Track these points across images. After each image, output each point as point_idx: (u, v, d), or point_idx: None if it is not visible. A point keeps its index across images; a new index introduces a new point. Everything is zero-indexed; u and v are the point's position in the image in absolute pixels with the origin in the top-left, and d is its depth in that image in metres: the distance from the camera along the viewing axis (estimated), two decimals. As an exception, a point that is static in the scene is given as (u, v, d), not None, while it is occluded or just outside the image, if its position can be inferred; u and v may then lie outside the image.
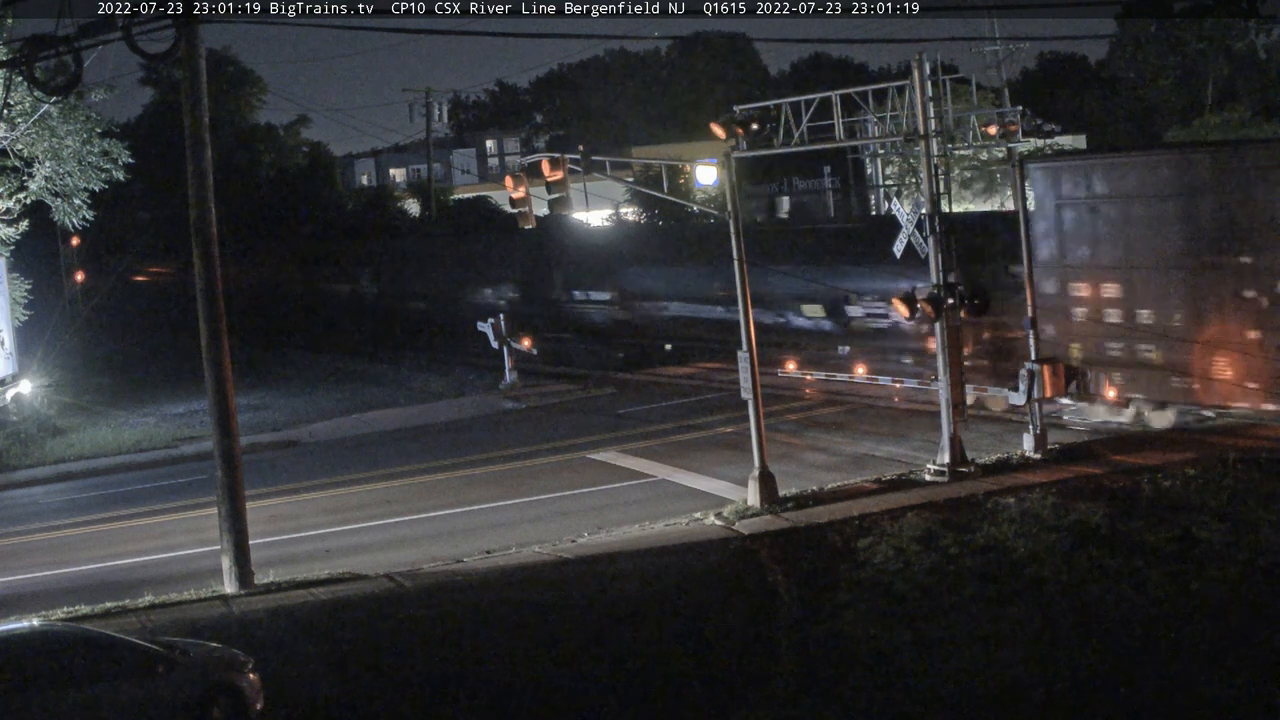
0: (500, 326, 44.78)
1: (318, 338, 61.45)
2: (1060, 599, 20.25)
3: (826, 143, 30.22)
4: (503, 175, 67.39)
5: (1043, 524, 23.80)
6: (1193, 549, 21.82)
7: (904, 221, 28.81)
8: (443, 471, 32.89)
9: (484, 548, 25.48)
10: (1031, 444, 29.03)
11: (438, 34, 61.12)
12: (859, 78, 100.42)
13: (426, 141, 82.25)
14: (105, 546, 27.97)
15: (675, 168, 44.31)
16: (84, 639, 17.60)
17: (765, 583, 22.70)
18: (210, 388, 24.01)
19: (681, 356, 47.31)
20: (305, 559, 25.39)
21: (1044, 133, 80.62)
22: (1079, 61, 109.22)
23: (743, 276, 27.51)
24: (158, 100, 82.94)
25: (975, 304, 27.94)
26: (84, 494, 34.06)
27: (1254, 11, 77.92)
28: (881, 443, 32.13)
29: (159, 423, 42.66)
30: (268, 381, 49.65)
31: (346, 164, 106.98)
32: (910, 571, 22.16)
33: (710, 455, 32.13)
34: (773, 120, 28.82)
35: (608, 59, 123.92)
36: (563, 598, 22.07)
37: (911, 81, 27.80)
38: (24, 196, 38.23)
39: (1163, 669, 17.46)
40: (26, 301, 41.64)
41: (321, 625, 21.24)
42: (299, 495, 31.53)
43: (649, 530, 26.03)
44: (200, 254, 23.67)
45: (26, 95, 33.96)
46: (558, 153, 28.34)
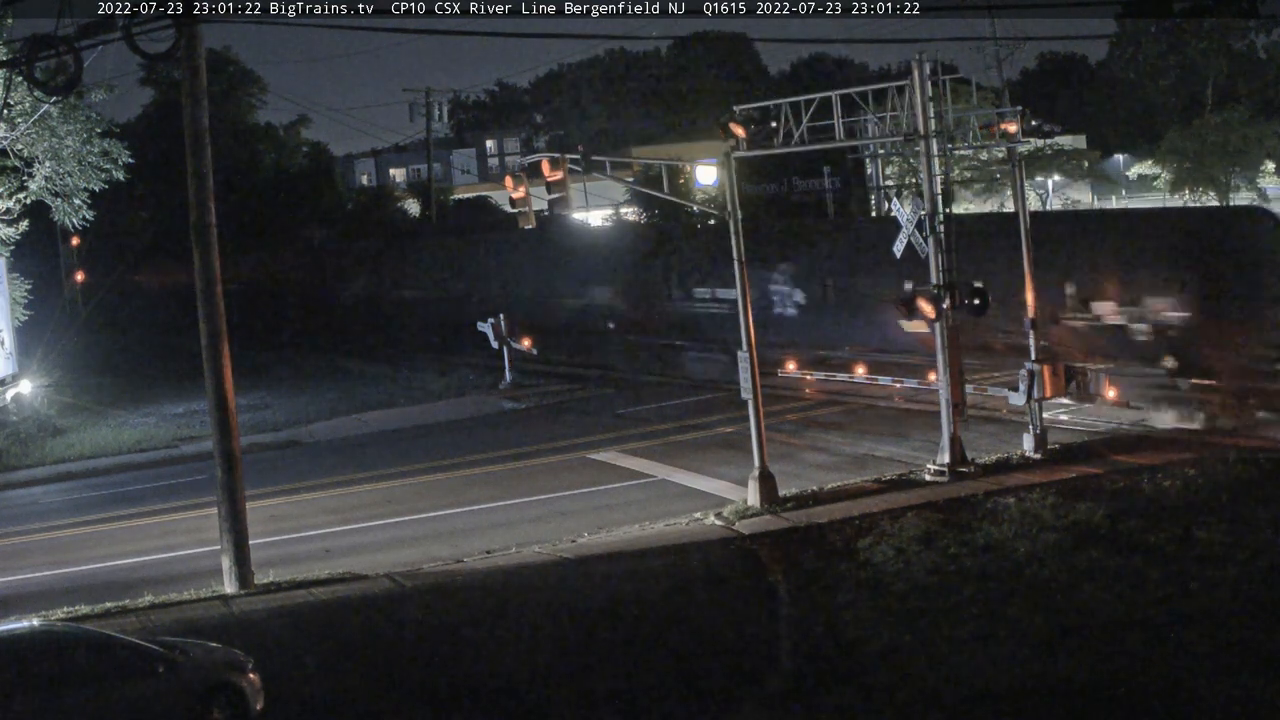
0: (500, 326, 44.85)
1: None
2: (1060, 599, 20.24)
3: (826, 143, 30.22)
4: (503, 175, 67.37)
5: (1043, 524, 23.80)
6: (1193, 549, 21.82)
7: (904, 221, 28.80)
8: (443, 471, 32.88)
9: (484, 548, 25.48)
10: (1031, 444, 29.03)
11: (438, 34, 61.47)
12: (859, 78, 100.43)
13: (426, 141, 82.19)
14: (105, 546, 27.96)
15: (675, 168, 44.30)
16: (84, 639, 17.59)
17: (765, 583, 22.72)
18: (210, 388, 24.00)
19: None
20: (305, 559, 25.39)
21: (1044, 133, 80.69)
22: (1079, 61, 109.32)
23: (742, 276, 27.51)
24: (158, 100, 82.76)
25: (975, 304, 27.89)
26: (84, 494, 34.04)
27: (1254, 11, 78.24)
28: (881, 443, 32.12)
29: (159, 423, 42.64)
30: (267, 382, 49.64)
31: (346, 164, 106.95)
32: (910, 571, 22.16)
33: (710, 455, 32.13)
34: (773, 120, 28.82)
35: (607, 59, 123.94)
36: (563, 598, 22.07)
37: (911, 81, 27.80)
38: (24, 196, 38.24)
39: (1162, 669, 17.45)
40: (26, 301, 41.62)
41: (321, 625, 21.24)
42: (299, 495, 31.52)
43: (649, 530, 26.03)
44: (200, 254, 23.66)
45: (26, 95, 33.97)
46: (558, 153, 28.35)
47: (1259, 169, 71.96)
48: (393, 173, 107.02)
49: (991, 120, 30.46)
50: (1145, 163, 76.82)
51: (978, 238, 33.81)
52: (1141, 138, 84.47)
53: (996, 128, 30.12)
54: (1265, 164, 71.83)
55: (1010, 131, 29.61)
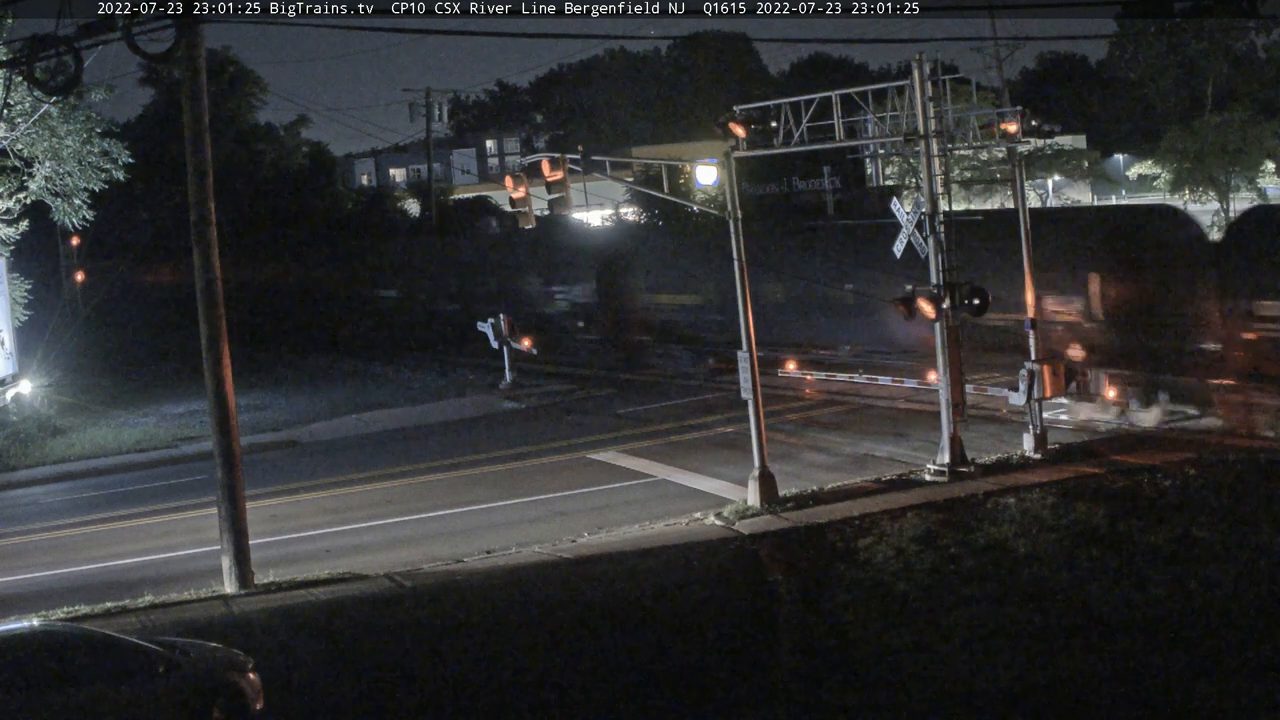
0: (500, 326, 44.84)
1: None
2: (1060, 599, 20.24)
3: (826, 143, 30.22)
4: (503, 175, 67.34)
5: (1043, 524, 23.79)
6: (1193, 549, 21.81)
7: (904, 221, 28.80)
8: (443, 471, 32.89)
9: (484, 548, 25.48)
10: (1031, 444, 29.03)
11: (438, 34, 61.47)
12: (859, 78, 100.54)
13: (427, 141, 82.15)
14: (105, 546, 27.97)
15: (675, 168, 44.29)
16: (84, 639, 17.57)
17: (765, 583, 22.70)
18: (210, 388, 24.00)
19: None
20: (305, 559, 25.39)
21: (1044, 133, 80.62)
22: (1079, 61, 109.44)
23: (743, 276, 27.51)
24: (158, 100, 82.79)
25: (975, 304, 27.88)
26: (84, 494, 34.05)
27: (1254, 11, 78.25)
28: (881, 443, 32.12)
29: (159, 423, 42.64)
30: (267, 382, 49.63)
31: (346, 164, 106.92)
32: (910, 571, 22.15)
33: (710, 455, 32.13)
34: (773, 120, 28.81)
35: (608, 59, 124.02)
36: (562, 598, 22.07)
37: (911, 81, 27.80)
38: (24, 196, 38.27)
39: (1162, 669, 17.45)
40: (26, 301, 41.65)
41: (321, 625, 21.24)
42: (299, 495, 31.52)
43: (649, 530, 26.02)
44: (200, 254, 23.66)
45: (26, 95, 34.00)
46: (558, 153, 28.35)
47: (1259, 169, 71.91)
48: (393, 173, 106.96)
49: (991, 120, 30.44)
50: (1145, 163, 76.74)
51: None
52: (1141, 138, 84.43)
53: (996, 128, 30.11)
54: (1265, 164, 71.78)
55: (1010, 131, 29.60)
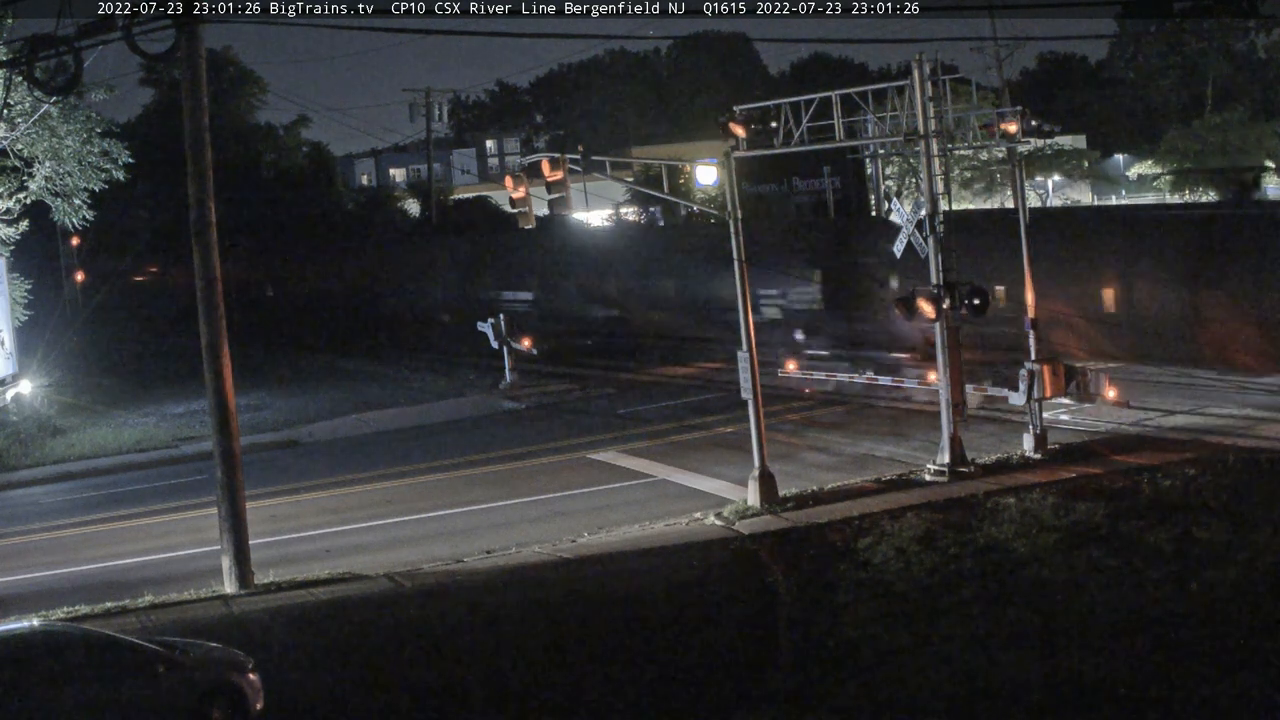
0: (500, 326, 44.84)
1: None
2: (1060, 599, 20.24)
3: (826, 143, 30.23)
4: (503, 175, 67.40)
5: (1043, 524, 23.79)
6: (1193, 549, 21.81)
7: (904, 221, 28.79)
8: (443, 471, 32.88)
9: (484, 548, 25.48)
10: (1031, 444, 29.02)
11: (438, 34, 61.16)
12: (859, 78, 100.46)
13: (427, 141, 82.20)
14: (105, 546, 27.96)
15: (675, 168, 44.30)
16: (84, 639, 17.57)
17: (765, 583, 22.69)
18: (210, 388, 23.99)
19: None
20: (305, 559, 25.38)
21: (1044, 133, 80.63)
22: (1079, 61, 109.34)
23: (743, 276, 27.50)
24: (158, 100, 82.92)
25: (975, 304, 27.86)
26: (84, 494, 34.04)
27: (1254, 11, 78.26)
28: (881, 443, 32.11)
29: (159, 423, 42.64)
30: (267, 382, 49.57)
31: (346, 164, 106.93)
32: (910, 571, 22.15)
33: (710, 455, 32.13)
34: (773, 120, 28.84)
35: (608, 59, 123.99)
36: (562, 598, 22.06)
37: (911, 81, 27.80)
38: (24, 196, 38.24)
39: (1163, 669, 17.44)
40: (26, 301, 41.61)
41: (321, 625, 21.22)
42: (299, 495, 31.51)
43: (649, 530, 26.02)
44: (200, 254, 23.66)
45: (26, 95, 33.97)
46: (558, 153, 28.36)
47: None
48: (393, 173, 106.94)
49: (991, 120, 30.45)
50: (1145, 163, 76.82)
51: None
52: (1141, 138, 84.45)
53: (996, 128, 30.12)
54: (1265, 164, 71.81)
55: (1010, 131, 29.61)
